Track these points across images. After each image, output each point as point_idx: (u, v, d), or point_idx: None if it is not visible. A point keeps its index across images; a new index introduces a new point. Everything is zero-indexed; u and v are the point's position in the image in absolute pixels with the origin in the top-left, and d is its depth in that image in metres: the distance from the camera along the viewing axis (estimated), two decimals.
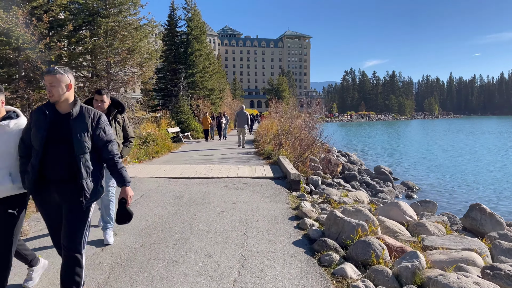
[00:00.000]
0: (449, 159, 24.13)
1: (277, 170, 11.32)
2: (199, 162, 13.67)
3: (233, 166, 12.08)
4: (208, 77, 36.74)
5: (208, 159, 14.73)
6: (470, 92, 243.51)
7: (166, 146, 17.94)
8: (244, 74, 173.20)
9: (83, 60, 14.09)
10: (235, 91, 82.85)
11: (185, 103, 31.04)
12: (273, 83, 69.94)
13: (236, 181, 9.45)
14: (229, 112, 44.12)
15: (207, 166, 12.03)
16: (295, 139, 14.83)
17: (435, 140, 41.77)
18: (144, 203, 7.27)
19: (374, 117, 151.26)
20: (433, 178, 17.31)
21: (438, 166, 20.95)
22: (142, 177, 9.95)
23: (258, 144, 18.70)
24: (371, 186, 13.26)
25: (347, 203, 7.90)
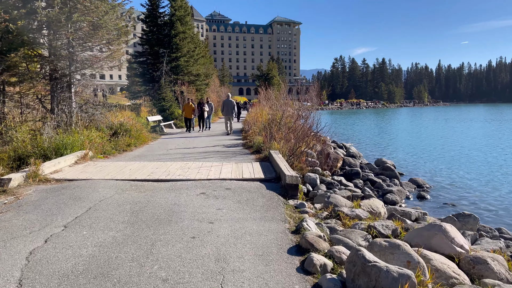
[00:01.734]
0: (448, 149, 22.51)
1: (269, 168, 9.36)
2: (176, 157, 11.63)
3: (216, 163, 10.08)
4: (193, 62, 34.40)
5: (187, 152, 12.70)
6: (458, 80, 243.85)
7: (142, 137, 15.83)
8: (233, 61, 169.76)
9: (39, 36, 11.83)
10: (223, 78, 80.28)
11: (167, 90, 28.79)
12: (263, 69, 67.49)
13: (218, 185, 7.47)
14: (216, 99, 41.88)
15: (184, 163, 10.01)
16: (289, 130, 12.87)
17: (429, 129, 40.27)
18: (87, 223, 5.26)
19: (364, 105, 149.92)
20: (439, 170, 15.60)
21: (439, 156, 19.29)
22: (99, 180, 7.90)
23: (247, 135, 16.70)
24: (376, 185, 11.44)
25: (362, 218, 5.99)
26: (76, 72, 12.90)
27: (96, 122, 13.20)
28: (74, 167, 9.30)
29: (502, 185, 13.07)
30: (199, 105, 22.44)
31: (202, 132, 21.68)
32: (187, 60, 33.13)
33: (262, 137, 14.31)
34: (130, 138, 14.60)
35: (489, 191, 12.28)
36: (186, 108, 22.17)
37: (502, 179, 13.99)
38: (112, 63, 14.32)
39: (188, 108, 22.07)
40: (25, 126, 11.38)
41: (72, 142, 10.51)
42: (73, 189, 7.08)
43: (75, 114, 12.59)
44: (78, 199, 6.39)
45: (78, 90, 13.19)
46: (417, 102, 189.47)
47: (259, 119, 19.69)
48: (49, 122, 11.18)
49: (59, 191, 6.91)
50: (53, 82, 12.34)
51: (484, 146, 24.16)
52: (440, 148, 23.68)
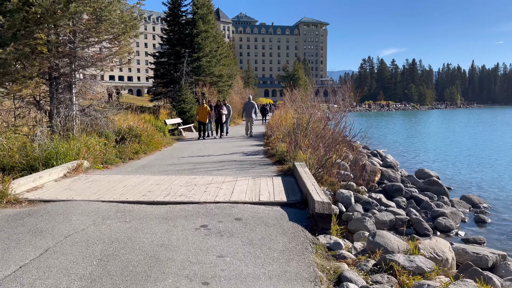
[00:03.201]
0: (494, 157, 20.04)
1: (293, 186, 7.61)
2: (185, 168, 10.04)
3: (229, 178, 8.40)
4: (216, 62, 32.98)
5: (200, 162, 11.10)
6: (493, 81, 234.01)
7: (154, 142, 14.37)
8: (259, 62, 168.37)
9: (35, 29, 10.52)
10: (249, 80, 78.83)
11: (188, 91, 27.43)
12: (288, 70, 65.41)
13: (226, 213, 5.78)
14: (240, 101, 40.37)
15: (191, 178, 8.38)
16: (317, 137, 11.07)
17: (466, 133, 37.32)
18: (30, 279, 3.67)
19: (393, 106, 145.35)
20: (492, 184, 13.40)
21: (487, 166, 16.97)
22: (80, 202, 6.37)
23: (269, 141, 14.98)
24: (423, 204, 9.48)
25: (426, 272, 4.16)
26: (78, 70, 11.55)
27: (100, 127, 11.81)
28: (59, 182, 7.84)
29: None
30: (216, 108, 19.54)
31: (220, 138, 19.27)
32: (209, 60, 31.76)
33: (286, 144, 12.59)
34: (139, 144, 13.17)
35: None
36: (201, 112, 19.31)
37: None
38: (120, 60, 12.95)
39: (203, 112, 19.21)
40: (18, 132, 10.09)
41: (65, 151, 9.10)
42: (41, 216, 5.56)
43: (76, 118, 11.22)
44: (39, 233, 4.85)
45: (81, 91, 11.83)
46: (449, 104, 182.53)
47: (283, 123, 17.96)
48: (43, 127, 9.82)
49: (21, 220, 5.40)
50: (52, 81, 11.01)
51: None
52: (484, 155, 21.22)
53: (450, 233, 8.15)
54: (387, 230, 8.18)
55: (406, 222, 8.28)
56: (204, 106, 19.33)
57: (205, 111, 19.16)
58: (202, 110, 19.26)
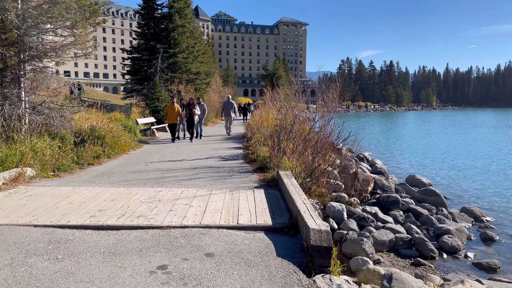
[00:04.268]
0: (481, 161, 19.36)
1: (278, 202, 6.34)
2: (152, 177, 8.62)
3: (202, 190, 7.04)
4: (193, 59, 31.41)
5: (170, 169, 9.69)
6: (466, 84, 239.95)
7: (120, 145, 12.85)
8: (238, 61, 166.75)
9: None
10: (228, 78, 77.26)
11: (162, 88, 25.88)
12: (268, 68, 64.19)
13: (194, 244, 4.44)
14: (218, 100, 38.96)
15: (156, 191, 6.97)
16: (304, 141, 9.83)
17: (448, 135, 37.04)
18: None
19: (371, 108, 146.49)
20: (489, 192, 12.50)
21: (478, 171, 16.17)
22: (5, 226, 4.90)
23: (249, 144, 13.67)
24: (422, 219, 8.37)
25: None
26: (29, 61, 9.94)
27: (55, 127, 10.23)
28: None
29: None
30: (187, 106, 17.07)
31: (191, 141, 16.95)
32: (186, 56, 30.17)
33: (268, 148, 11.32)
34: (102, 147, 11.63)
35: None
36: (170, 111, 16.98)
37: None
38: (83, 52, 11.39)
39: (172, 111, 16.88)
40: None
41: (3, 157, 7.55)
42: None
43: (24, 117, 9.63)
44: None
45: (32, 86, 10.23)
46: (425, 105, 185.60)
47: (264, 124, 16.70)
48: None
49: None
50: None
51: None
52: (470, 158, 20.54)
53: (457, 254, 7.05)
54: (387, 251, 7.04)
55: (408, 242, 7.14)
56: (174, 105, 17.12)
57: (175, 111, 16.92)
58: (171, 109, 17.03)
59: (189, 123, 17.28)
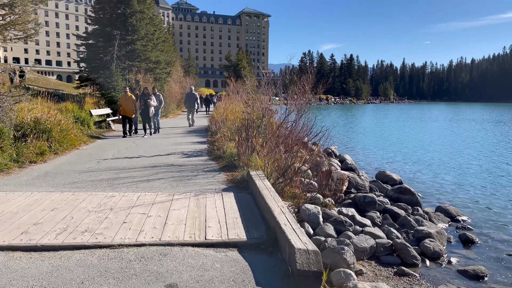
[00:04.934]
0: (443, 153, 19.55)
1: (250, 207, 5.56)
2: (104, 177, 7.56)
3: (162, 195, 6.11)
4: (153, 47, 29.83)
5: (125, 167, 8.64)
6: (421, 78, 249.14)
7: (70, 139, 11.56)
8: (200, 51, 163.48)
9: None
10: (189, 68, 75.24)
11: (119, 78, 24.31)
12: (232, 58, 62.91)
13: (151, 271, 3.56)
14: (180, 91, 37.51)
15: (107, 197, 5.97)
16: (276, 137, 9.08)
17: (408, 128, 37.75)
18: None
19: (332, 100, 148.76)
20: (457, 186, 12.37)
21: (442, 164, 16.17)
22: None
23: (214, 139, 12.77)
24: (400, 220, 7.89)
25: None
26: None
27: None
28: None
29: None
30: (141, 97, 15.19)
31: (149, 135, 15.37)
32: (145, 44, 28.56)
33: (235, 144, 10.51)
34: (48, 142, 10.34)
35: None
36: (124, 102, 14.93)
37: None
38: (24, 33, 10.00)
39: (128, 102, 14.89)
40: None
41: None
42: None
43: None
44: None
45: None
46: (383, 99, 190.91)
47: (230, 117, 15.84)
48: None
49: None
50: None
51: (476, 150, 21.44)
52: (434, 152, 20.71)
53: (440, 260, 6.59)
54: (368, 259, 6.45)
55: (389, 248, 6.59)
56: (129, 95, 15.02)
57: (131, 102, 14.96)
58: (126, 100, 14.98)
59: (144, 116, 15.38)
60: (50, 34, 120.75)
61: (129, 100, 14.94)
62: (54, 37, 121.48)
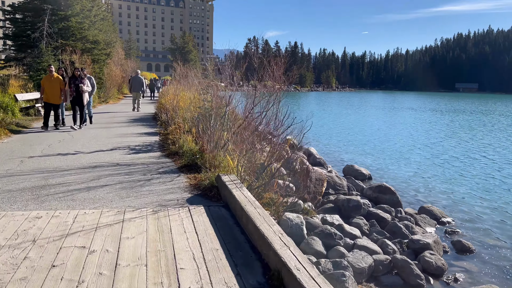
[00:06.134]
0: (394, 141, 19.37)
1: (231, 229, 4.20)
2: (27, 185, 5.76)
3: (109, 213, 4.55)
4: (90, 24, 26.91)
5: (57, 168, 6.84)
6: (361, 67, 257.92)
7: None
8: (141, 34, 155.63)
9: None
10: (130, 51, 70.87)
11: (50, 58, 21.43)
12: (177, 41, 59.65)
13: None
14: (121, 74, 34.65)
15: (31, 218, 4.26)
16: (243, 130, 7.72)
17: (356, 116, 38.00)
18: None
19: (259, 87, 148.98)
20: (430, 181, 11.87)
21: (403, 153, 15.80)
22: None
23: (166, 131, 11.09)
24: (389, 227, 6.92)
25: None
26: None
27: None
28: None
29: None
30: (72, 80, 12.04)
31: (75, 129, 12.00)
32: (81, 21, 25.61)
33: (192, 138, 9.04)
34: None
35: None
36: (48, 85, 11.83)
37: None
38: None
39: (52, 85, 11.82)
40: None
41: None
42: None
43: None
44: None
45: None
46: (325, 87, 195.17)
47: (181, 104, 14.19)
48: None
49: None
50: None
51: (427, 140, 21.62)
52: (389, 141, 20.49)
53: (443, 276, 5.71)
54: (366, 281, 5.39)
55: (387, 265, 5.58)
56: (54, 76, 11.96)
57: (57, 84, 11.89)
58: (50, 82, 11.86)
59: (76, 104, 12.21)
60: None
61: (55, 82, 11.88)
62: None
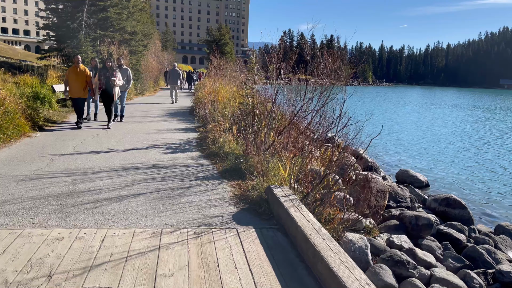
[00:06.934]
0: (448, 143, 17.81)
1: (292, 264, 3.29)
2: (52, 192, 5.09)
3: (142, 235, 3.76)
4: (128, 15, 26.61)
5: (87, 170, 6.17)
6: (399, 61, 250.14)
7: (17, 124, 8.89)
8: (177, 26, 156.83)
9: None
10: (167, 43, 71.09)
11: (89, 48, 21.25)
12: (214, 33, 59.09)
13: None
14: (157, 66, 34.40)
15: (50, 239, 3.52)
16: (290, 129, 6.80)
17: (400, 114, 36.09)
18: None
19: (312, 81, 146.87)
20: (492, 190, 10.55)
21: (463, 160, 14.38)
22: None
23: (205, 128, 10.31)
24: (468, 252, 5.78)
25: None
26: None
27: None
28: None
29: None
30: (101, 72, 10.73)
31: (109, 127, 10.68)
32: (119, 12, 25.33)
33: (232, 137, 8.20)
34: None
35: None
36: (72, 78, 10.51)
37: None
38: None
39: (76, 77, 10.52)
40: None
41: None
42: None
43: None
44: None
45: None
46: (361, 81, 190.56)
47: (219, 98, 13.40)
48: None
49: None
50: None
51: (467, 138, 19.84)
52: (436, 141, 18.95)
53: None
54: None
55: None
56: (80, 68, 10.65)
57: (82, 77, 10.59)
58: (75, 75, 10.54)
59: (105, 99, 10.85)
60: (17, 1, 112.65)
61: (80, 75, 10.58)
62: (22, 4, 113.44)
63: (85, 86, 10.71)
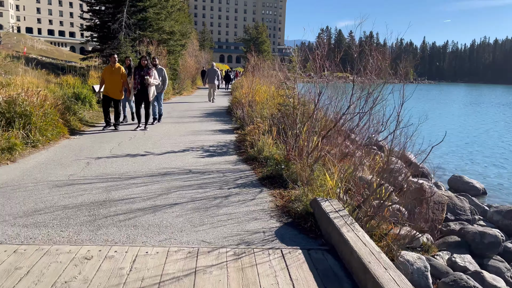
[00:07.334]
0: None
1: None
2: (85, 200, 4.84)
3: (177, 252, 3.40)
4: (166, 15, 26.80)
5: (123, 175, 5.92)
6: (442, 58, 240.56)
7: (56, 126, 8.87)
8: (214, 25, 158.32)
9: None
10: (204, 42, 71.68)
11: (128, 49, 21.45)
12: (251, 32, 58.69)
13: None
14: (195, 66, 34.52)
15: (78, 258, 3.23)
16: (335, 133, 6.28)
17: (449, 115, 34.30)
18: None
19: (350, 79, 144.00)
20: None
21: None
22: None
23: (243, 130, 9.94)
24: None
25: None
26: None
27: None
28: None
29: None
30: (137, 72, 10.27)
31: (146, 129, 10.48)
32: (158, 12, 25.53)
33: (272, 140, 7.76)
34: (25, 130, 7.69)
35: None
36: (108, 77, 10.23)
37: None
38: None
39: (112, 77, 10.22)
40: None
41: None
42: None
43: None
44: None
45: None
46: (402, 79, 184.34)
47: (256, 98, 12.98)
48: None
49: None
50: None
51: None
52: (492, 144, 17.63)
53: None
54: None
55: None
56: (116, 66, 10.32)
57: (118, 76, 10.26)
58: (111, 74, 10.22)
59: (140, 99, 10.46)
60: (63, 4, 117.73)
61: (115, 74, 10.22)
62: (67, 7, 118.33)
63: (121, 88, 10.43)
